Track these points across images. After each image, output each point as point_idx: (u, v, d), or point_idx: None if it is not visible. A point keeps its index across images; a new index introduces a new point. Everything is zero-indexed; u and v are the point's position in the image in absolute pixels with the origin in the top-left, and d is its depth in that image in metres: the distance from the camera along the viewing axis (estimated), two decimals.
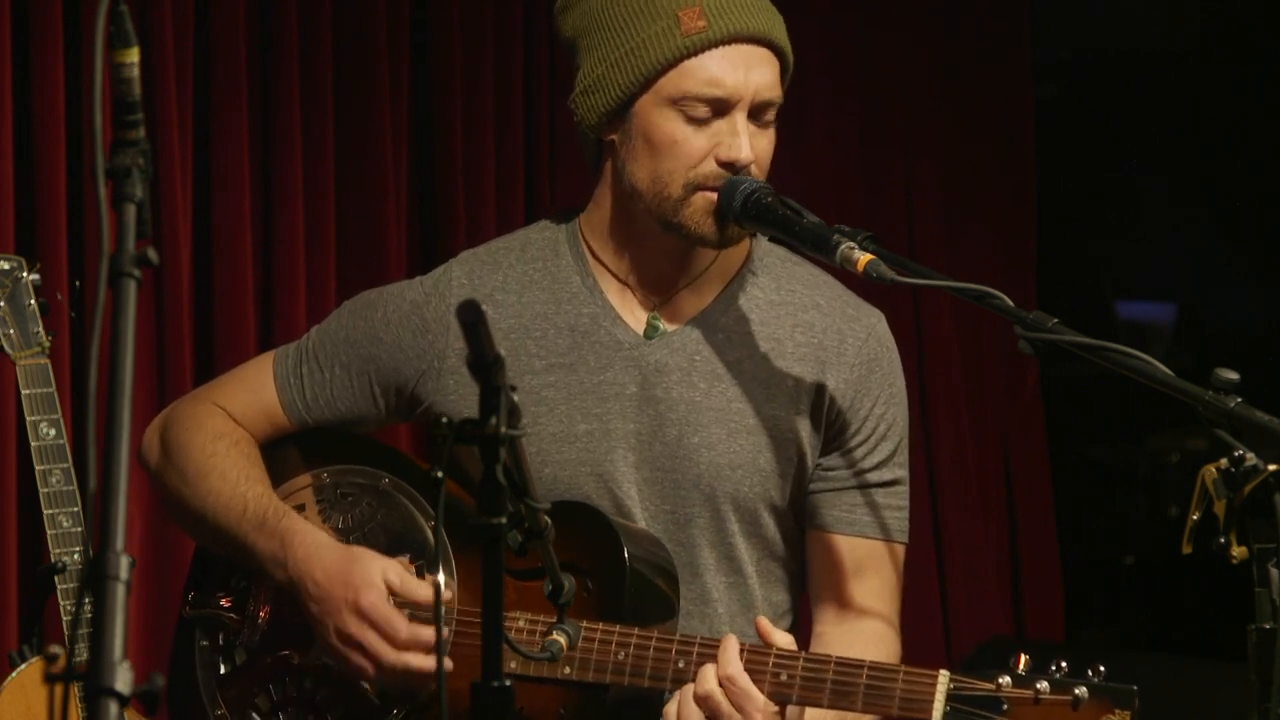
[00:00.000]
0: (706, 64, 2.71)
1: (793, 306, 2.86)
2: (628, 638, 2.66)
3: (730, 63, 2.71)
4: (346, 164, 4.28)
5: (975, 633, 5.06)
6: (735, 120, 2.71)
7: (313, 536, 2.78)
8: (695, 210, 2.73)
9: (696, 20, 2.71)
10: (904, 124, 5.13)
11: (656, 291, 2.84)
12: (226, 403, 2.93)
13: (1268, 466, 2.33)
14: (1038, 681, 2.51)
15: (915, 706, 2.55)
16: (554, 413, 2.82)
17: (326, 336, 2.93)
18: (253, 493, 2.83)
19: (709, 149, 2.72)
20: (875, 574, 2.85)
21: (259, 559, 2.80)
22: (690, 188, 2.72)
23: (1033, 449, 5.33)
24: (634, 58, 2.73)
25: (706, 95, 2.71)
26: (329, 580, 2.73)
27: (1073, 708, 2.49)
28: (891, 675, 2.57)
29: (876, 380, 2.85)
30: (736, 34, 2.72)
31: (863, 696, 2.57)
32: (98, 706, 1.70)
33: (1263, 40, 5.57)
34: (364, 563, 2.74)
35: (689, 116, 2.71)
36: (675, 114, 2.72)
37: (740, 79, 2.71)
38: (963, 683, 2.54)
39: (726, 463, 2.81)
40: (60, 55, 3.84)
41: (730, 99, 2.71)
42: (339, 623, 2.72)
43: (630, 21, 2.74)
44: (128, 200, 1.85)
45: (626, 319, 2.84)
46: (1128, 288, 6.13)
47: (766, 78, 2.73)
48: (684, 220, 2.74)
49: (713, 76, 2.71)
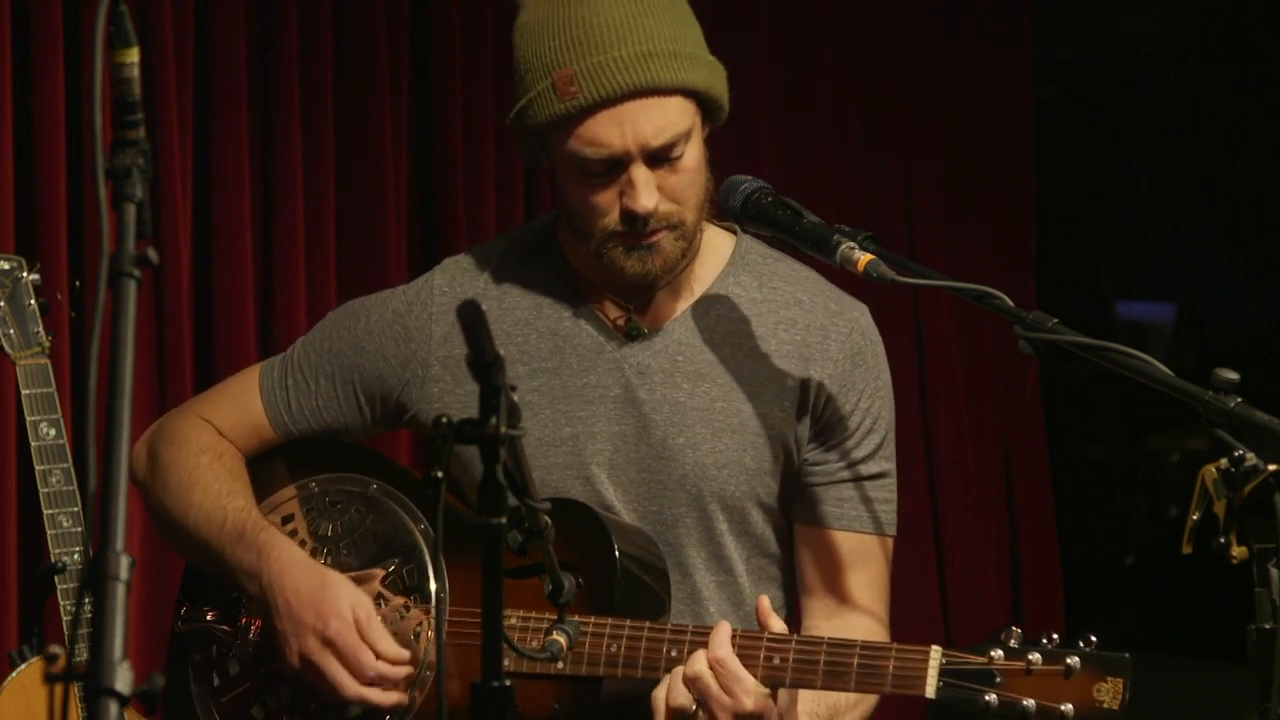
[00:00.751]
0: (589, 127, 2.67)
1: (775, 304, 2.85)
2: (620, 630, 2.66)
3: (610, 122, 2.67)
4: (346, 164, 4.28)
5: (975, 633, 5.05)
6: (632, 173, 2.68)
7: (289, 553, 2.78)
8: (615, 253, 2.73)
9: (569, 86, 2.67)
10: (904, 124, 5.13)
11: (637, 293, 2.84)
12: (213, 416, 2.94)
13: (1268, 466, 2.33)
14: (1030, 653, 2.52)
15: (909, 683, 2.55)
16: (538, 417, 2.82)
17: (311, 347, 2.93)
18: (233, 505, 2.83)
19: (614, 199, 2.70)
20: (864, 568, 2.86)
21: (235, 571, 2.80)
22: (604, 236, 2.72)
23: (1033, 449, 5.33)
24: (528, 112, 2.72)
25: (594, 157, 2.68)
26: (299, 602, 2.73)
27: (1065, 677, 2.50)
28: (884, 653, 2.58)
29: (861, 374, 2.85)
30: (608, 96, 2.66)
31: (856, 676, 2.58)
32: (98, 706, 1.70)
33: (1263, 40, 5.57)
34: (335, 590, 2.74)
35: (587, 172, 2.70)
36: (575, 171, 2.71)
37: (623, 136, 2.67)
38: (955, 657, 2.55)
39: (712, 462, 2.81)
40: (60, 55, 3.84)
41: (618, 156, 2.68)
42: (303, 646, 2.72)
43: (525, 74, 2.73)
44: (128, 200, 1.85)
45: (608, 321, 2.84)
46: (1128, 288, 6.13)
47: (653, 126, 2.67)
48: (609, 262, 2.74)
49: (594, 138, 2.67)
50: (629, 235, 2.71)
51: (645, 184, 2.68)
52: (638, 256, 2.73)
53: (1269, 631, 2.32)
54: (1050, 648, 2.52)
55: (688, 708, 2.61)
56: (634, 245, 2.72)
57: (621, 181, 2.69)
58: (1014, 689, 2.52)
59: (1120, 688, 2.50)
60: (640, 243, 2.72)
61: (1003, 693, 2.52)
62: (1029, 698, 2.51)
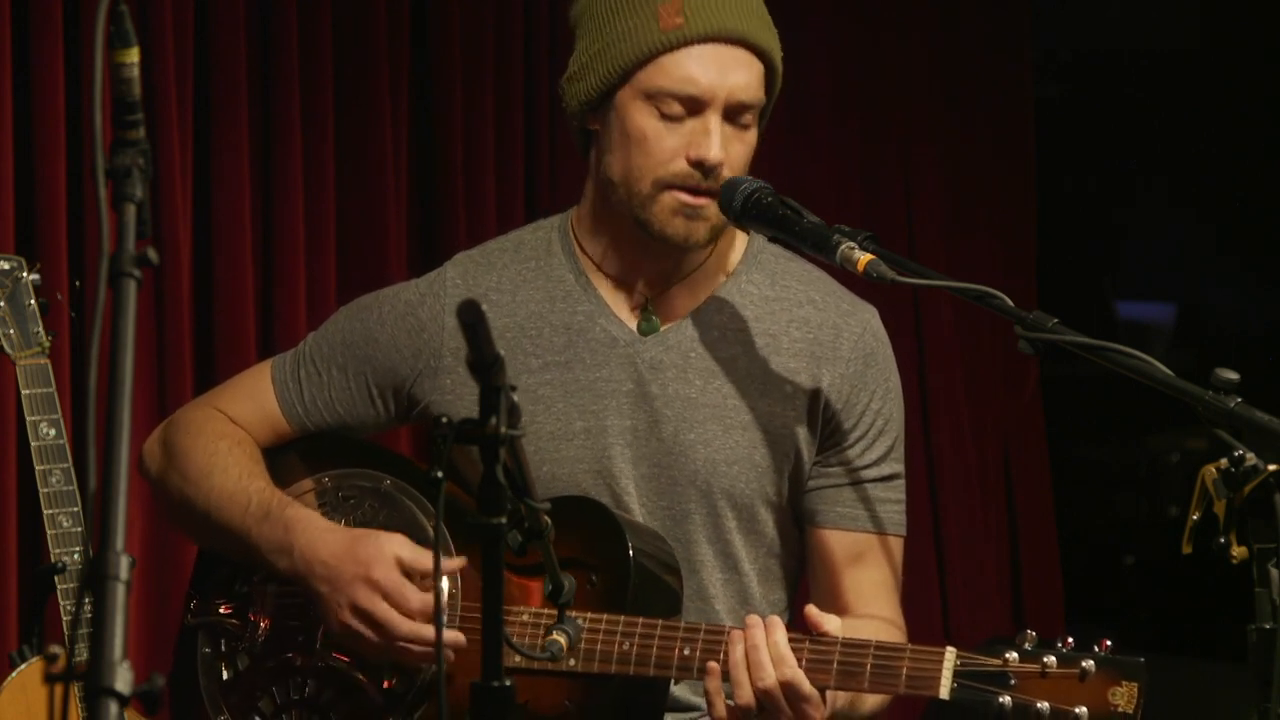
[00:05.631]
0: (682, 61, 2.71)
1: (788, 302, 2.86)
2: (632, 628, 2.66)
3: (706, 62, 2.71)
4: (346, 164, 4.28)
5: (975, 633, 5.05)
6: (708, 120, 2.71)
7: (317, 521, 2.79)
8: (663, 209, 2.74)
9: (674, 16, 2.71)
10: (904, 124, 5.13)
11: (650, 288, 2.84)
12: (228, 409, 2.94)
13: (1268, 466, 2.33)
14: (1044, 655, 2.51)
15: (923, 684, 2.55)
16: (551, 411, 2.82)
17: (323, 340, 2.94)
18: (255, 487, 2.83)
19: (681, 147, 2.72)
20: (877, 569, 2.86)
21: (263, 550, 2.80)
22: (659, 185, 2.73)
23: (1033, 449, 5.33)
24: (613, 49, 2.73)
25: (680, 93, 2.71)
26: (337, 559, 2.73)
27: (1079, 680, 2.50)
28: (898, 654, 2.58)
29: (873, 375, 2.85)
30: (714, 33, 2.71)
31: (870, 676, 2.58)
32: (98, 706, 1.70)
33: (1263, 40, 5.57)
34: (372, 538, 2.74)
35: (663, 113, 2.72)
36: (650, 109, 2.72)
37: (715, 79, 2.71)
38: (970, 659, 2.54)
39: (723, 459, 2.81)
40: (60, 55, 3.84)
41: (703, 98, 2.71)
42: (351, 595, 2.71)
43: (615, 13, 2.75)
44: (128, 200, 1.85)
45: (621, 316, 2.84)
46: (1128, 288, 6.13)
47: (743, 79, 2.73)
48: (651, 217, 2.74)
49: (687, 74, 2.71)
50: (686, 187, 2.72)
51: (719, 134, 2.71)
52: (685, 217, 2.74)
53: (1269, 631, 2.32)
54: (1065, 651, 2.52)
55: (752, 707, 2.61)
56: (685, 204, 2.73)
57: (690, 130, 2.71)
58: (1028, 691, 2.51)
59: (1135, 692, 2.49)
60: (692, 202, 2.73)
61: (1017, 695, 2.51)
62: (1043, 700, 2.50)
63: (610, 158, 2.77)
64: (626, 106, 2.74)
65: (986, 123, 5.26)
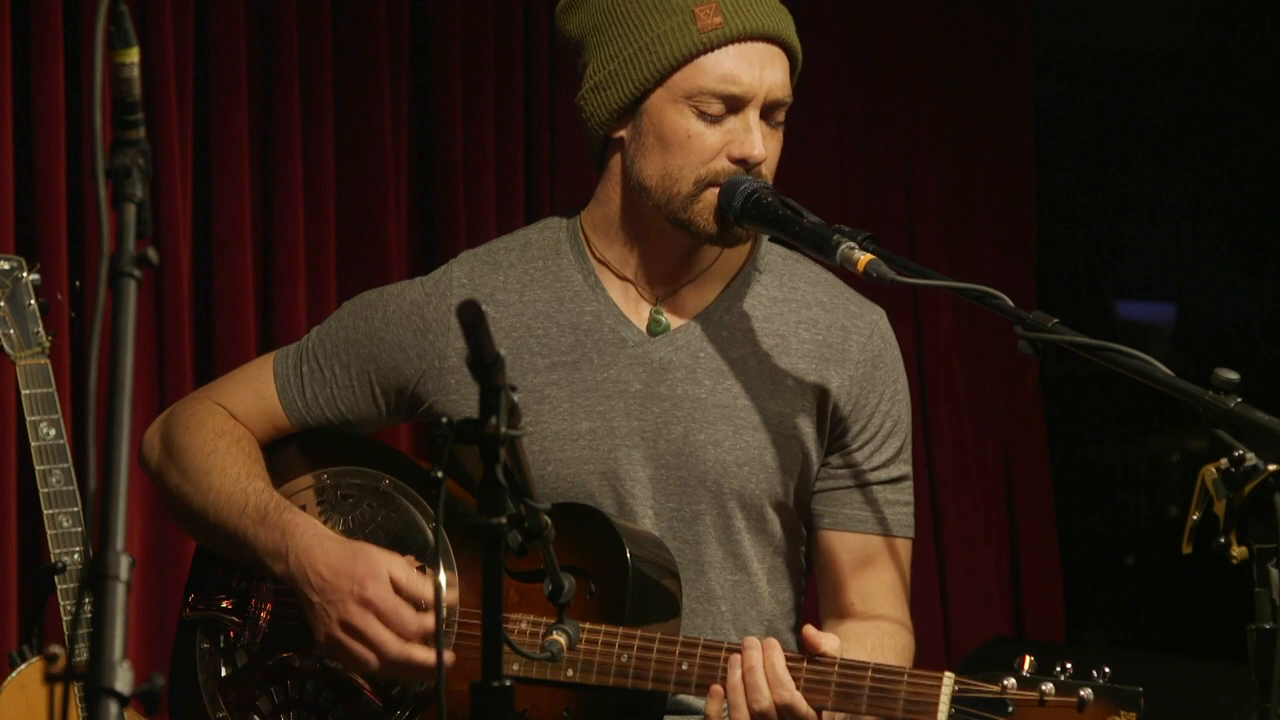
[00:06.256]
0: (722, 61, 2.73)
1: (796, 303, 2.86)
2: (630, 640, 2.65)
3: (745, 60, 2.73)
4: (346, 164, 4.28)
5: (976, 633, 5.06)
6: (748, 117, 2.73)
7: (314, 529, 2.77)
8: (704, 207, 2.74)
9: (713, 16, 2.72)
10: (904, 124, 5.13)
11: (660, 288, 2.84)
12: (228, 402, 2.93)
13: (1268, 466, 2.33)
14: (1043, 683, 2.50)
15: (920, 709, 2.54)
16: (557, 411, 2.82)
17: (326, 336, 2.93)
18: (253, 488, 2.82)
19: (721, 145, 2.73)
20: (886, 570, 2.86)
21: (258, 553, 2.78)
22: (701, 184, 2.74)
23: (1033, 449, 5.33)
24: (648, 53, 2.74)
25: (721, 92, 2.72)
26: (333, 572, 2.72)
27: (1078, 709, 2.48)
28: (896, 677, 2.57)
29: (881, 377, 2.86)
30: (752, 32, 2.73)
31: (867, 699, 2.57)
32: (98, 706, 1.70)
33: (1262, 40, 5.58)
34: (369, 555, 2.72)
35: (702, 113, 2.73)
36: (689, 110, 2.73)
37: (755, 76, 2.73)
38: (967, 685, 2.53)
39: (733, 459, 2.81)
40: (60, 55, 3.84)
41: (744, 96, 2.73)
42: (343, 613, 2.70)
43: (644, 17, 2.75)
44: (128, 200, 1.85)
45: (630, 316, 2.84)
46: (1128, 288, 6.13)
47: (779, 77, 2.75)
48: (693, 217, 2.75)
49: (728, 73, 2.72)
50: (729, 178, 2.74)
51: (759, 131, 2.74)
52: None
53: (1269, 631, 2.32)
54: (1064, 678, 2.50)
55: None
56: None
57: (730, 129, 2.73)
58: (1026, 719, 2.51)
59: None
60: None
61: None
62: None
63: (643, 162, 2.77)
64: (662, 109, 2.75)
65: (986, 123, 5.26)
